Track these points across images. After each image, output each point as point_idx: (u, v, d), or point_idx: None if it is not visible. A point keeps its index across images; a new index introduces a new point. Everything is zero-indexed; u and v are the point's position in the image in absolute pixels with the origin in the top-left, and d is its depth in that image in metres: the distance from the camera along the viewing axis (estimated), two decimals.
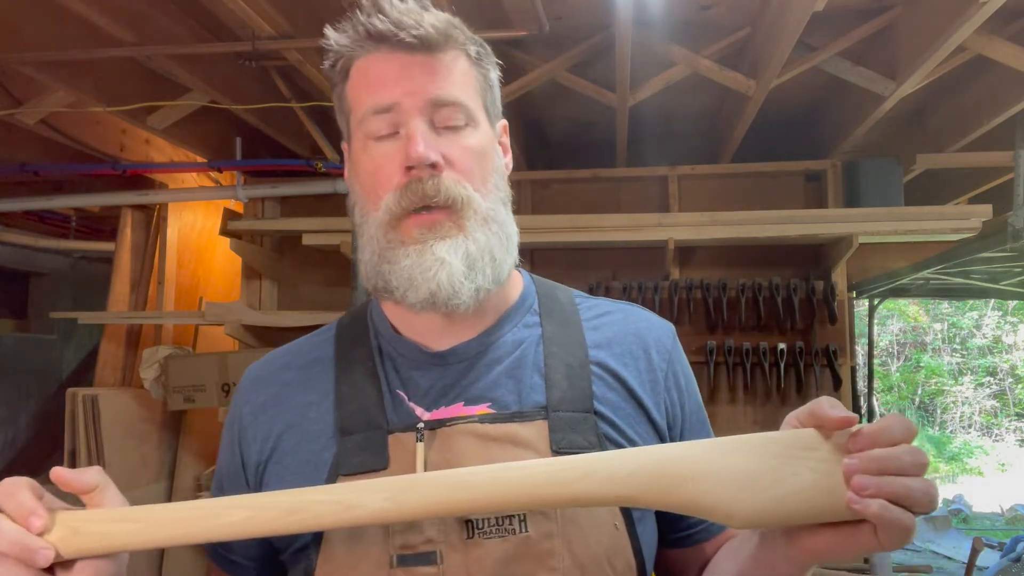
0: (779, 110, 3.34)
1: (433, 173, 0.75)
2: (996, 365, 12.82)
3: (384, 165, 0.77)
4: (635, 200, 3.67)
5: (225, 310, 3.53)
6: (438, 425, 0.77)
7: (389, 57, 0.77)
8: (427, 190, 0.75)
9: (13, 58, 2.45)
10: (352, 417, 0.80)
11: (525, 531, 0.73)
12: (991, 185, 3.66)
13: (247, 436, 0.85)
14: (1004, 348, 12.78)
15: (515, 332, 0.84)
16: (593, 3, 2.42)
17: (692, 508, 0.63)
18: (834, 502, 0.60)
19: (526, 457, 0.75)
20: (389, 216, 0.76)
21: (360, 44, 0.78)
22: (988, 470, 11.28)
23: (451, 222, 0.76)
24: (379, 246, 0.78)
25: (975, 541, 3.88)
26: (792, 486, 0.61)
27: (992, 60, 2.56)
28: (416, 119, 0.76)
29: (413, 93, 0.76)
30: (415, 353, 0.83)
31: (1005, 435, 12.42)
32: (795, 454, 0.61)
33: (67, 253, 4.65)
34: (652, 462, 0.64)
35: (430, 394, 0.81)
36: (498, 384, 0.81)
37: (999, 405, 12.74)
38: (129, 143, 3.65)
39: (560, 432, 0.77)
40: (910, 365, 13.76)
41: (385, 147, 0.77)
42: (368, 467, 0.76)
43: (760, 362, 3.43)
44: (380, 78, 0.77)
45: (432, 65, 0.77)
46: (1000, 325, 12.79)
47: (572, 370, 0.81)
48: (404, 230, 0.76)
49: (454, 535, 0.73)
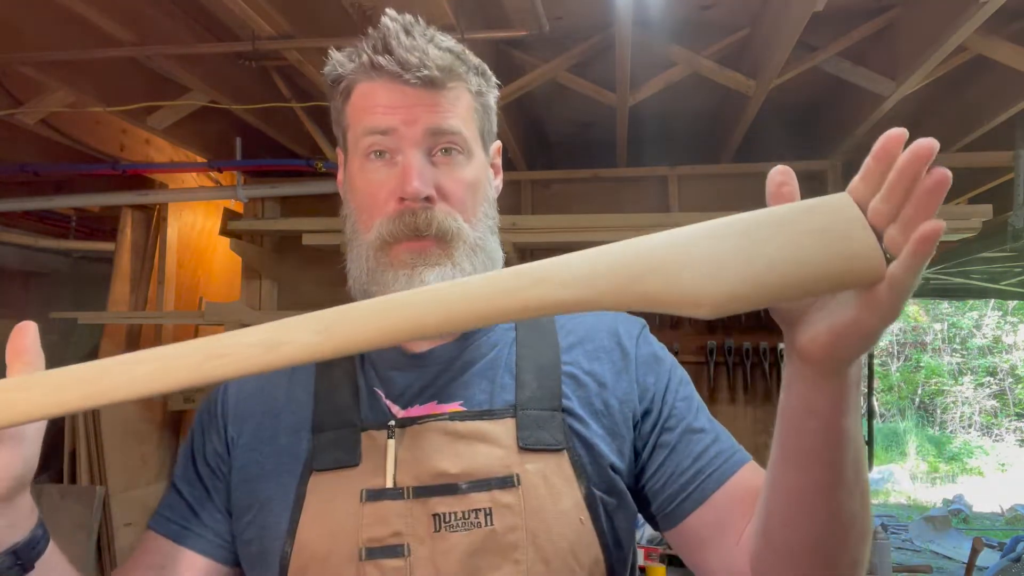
0: (779, 110, 3.34)
1: (426, 206, 0.78)
2: (996, 365, 12.83)
3: (378, 190, 0.80)
4: (635, 200, 3.67)
5: (225, 310, 3.53)
6: (409, 423, 0.80)
7: (391, 87, 0.79)
8: (419, 223, 0.78)
9: (13, 58, 2.45)
10: (327, 414, 0.82)
11: (491, 524, 0.75)
12: (991, 185, 3.66)
13: (229, 419, 0.87)
14: (1004, 348, 12.79)
15: (491, 336, 0.87)
16: (593, 3, 2.42)
17: (655, 302, 0.56)
18: (818, 270, 0.53)
19: (493, 452, 0.78)
20: (380, 241, 0.79)
21: (364, 72, 0.81)
22: (988, 470, 11.29)
23: (440, 251, 0.79)
24: (368, 265, 0.81)
25: (975, 541, 3.89)
26: (767, 261, 0.54)
27: (992, 60, 2.56)
28: (412, 149, 0.79)
29: (412, 122, 0.78)
30: (394, 354, 0.86)
31: (1005, 435, 12.42)
32: (769, 229, 0.55)
33: (67, 253, 4.64)
34: (608, 260, 0.57)
35: (406, 393, 0.84)
36: (471, 384, 0.83)
37: (999, 405, 12.74)
38: (129, 143, 3.65)
39: (528, 429, 0.79)
40: (910, 365, 13.76)
41: (380, 172, 0.80)
42: (341, 463, 0.79)
43: (760, 362, 3.43)
44: (381, 104, 0.80)
45: (433, 99, 0.80)
46: (1000, 325, 12.80)
47: (543, 371, 0.84)
48: (394, 254, 0.79)
49: (421, 528, 0.75)
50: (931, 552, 6.92)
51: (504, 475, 0.77)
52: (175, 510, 0.87)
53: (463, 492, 0.76)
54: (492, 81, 0.89)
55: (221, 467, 0.86)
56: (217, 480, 0.87)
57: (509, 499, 0.76)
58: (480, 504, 0.76)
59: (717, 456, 0.84)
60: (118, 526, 3.34)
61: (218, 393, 0.90)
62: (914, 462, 11.64)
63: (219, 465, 0.87)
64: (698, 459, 0.83)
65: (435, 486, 0.77)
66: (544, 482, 0.78)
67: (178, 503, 0.87)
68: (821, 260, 0.53)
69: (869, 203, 0.56)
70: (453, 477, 0.77)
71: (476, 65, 0.85)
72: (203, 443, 0.88)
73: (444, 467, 0.77)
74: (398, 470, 0.78)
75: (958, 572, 5.79)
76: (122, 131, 3.57)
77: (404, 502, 0.76)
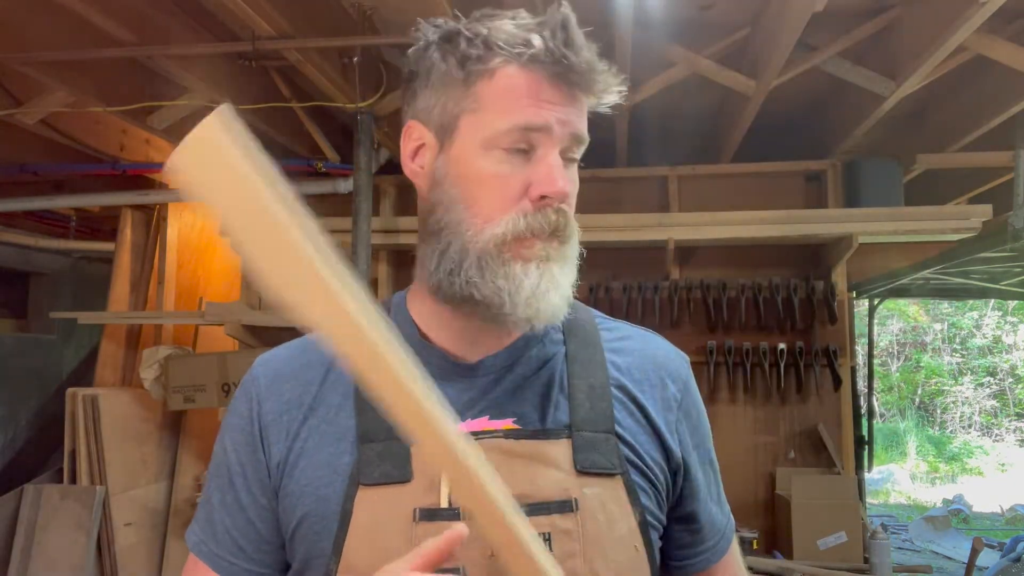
0: (779, 110, 3.34)
1: (561, 206, 0.77)
2: (996, 365, 12.82)
3: (511, 181, 0.76)
4: (635, 200, 3.67)
5: (225, 310, 3.53)
6: None
7: (553, 83, 0.76)
8: (559, 222, 0.76)
9: (13, 58, 2.45)
10: (373, 424, 0.77)
11: (549, 551, 0.72)
12: (991, 185, 3.66)
13: (270, 434, 0.81)
14: (1004, 348, 12.78)
15: (541, 348, 0.84)
16: (593, 3, 2.42)
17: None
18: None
19: (551, 474, 0.76)
20: (513, 235, 0.75)
21: (523, 57, 0.75)
22: (988, 470, 11.28)
23: (563, 251, 0.78)
24: (485, 255, 0.76)
25: (975, 541, 3.88)
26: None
27: (992, 60, 2.56)
28: (555, 150, 0.77)
29: (565, 123, 0.76)
30: (442, 362, 0.81)
31: (1005, 435, 12.42)
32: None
33: (67, 253, 4.64)
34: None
35: (456, 406, 0.77)
36: (524, 400, 0.80)
37: (999, 405, 12.73)
38: (129, 143, 3.65)
39: (584, 452, 0.77)
40: (910, 365, 13.75)
41: (514, 163, 0.76)
42: (391, 478, 0.75)
43: (760, 362, 3.43)
44: (536, 97, 0.75)
45: (581, 104, 0.79)
46: (1000, 325, 12.79)
47: (594, 391, 0.81)
48: (527, 247, 0.76)
49: (476, 551, 0.72)
50: (931, 552, 6.92)
51: (563, 499, 0.74)
52: (222, 543, 0.82)
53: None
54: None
55: (266, 492, 0.81)
56: (263, 509, 0.81)
57: (568, 524, 0.74)
58: (539, 528, 0.72)
59: (722, 539, 0.90)
60: (118, 526, 3.34)
61: (254, 410, 0.83)
62: (914, 462, 11.63)
63: (262, 491, 0.81)
64: (706, 537, 0.89)
65: None
66: (602, 507, 0.76)
67: (224, 536, 0.82)
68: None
69: None
70: None
71: (609, 84, 0.81)
72: (247, 460, 0.82)
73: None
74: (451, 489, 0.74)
75: (958, 572, 5.78)
76: (122, 131, 3.57)
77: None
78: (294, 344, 0.89)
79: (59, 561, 3.19)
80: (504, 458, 0.75)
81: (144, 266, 3.99)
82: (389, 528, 0.73)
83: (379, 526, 0.74)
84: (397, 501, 0.74)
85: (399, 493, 0.75)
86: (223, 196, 0.51)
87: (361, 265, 2.63)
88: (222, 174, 0.51)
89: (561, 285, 0.76)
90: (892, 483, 10.57)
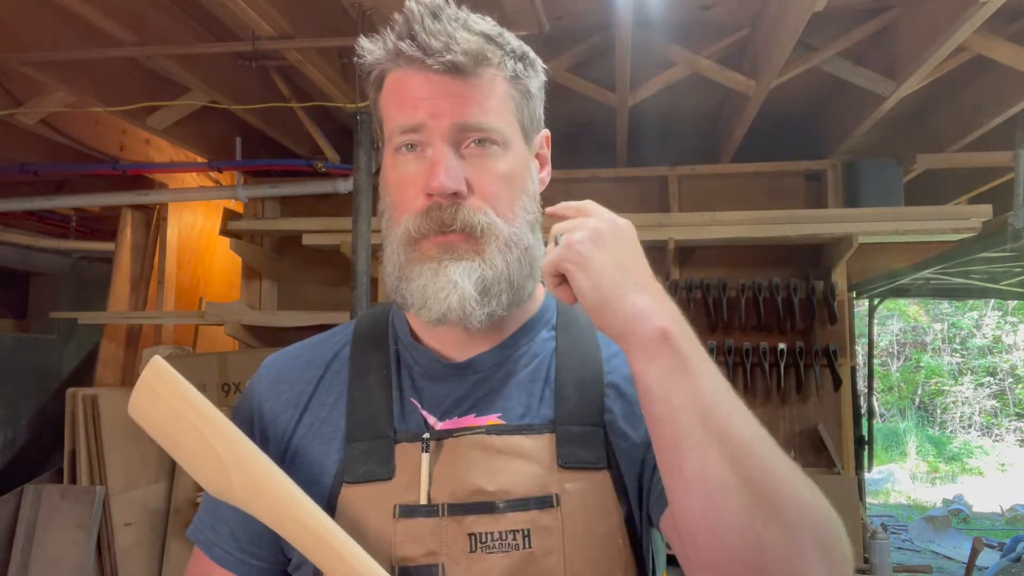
0: (779, 110, 3.34)
1: (454, 201, 0.74)
2: (996, 365, 12.81)
3: (407, 185, 0.77)
4: (635, 200, 3.67)
5: (225, 310, 3.53)
6: (445, 435, 0.77)
7: (419, 76, 0.75)
8: (445, 218, 0.74)
9: (13, 58, 2.46)
10: (361, 424, 0.79)
11: (528, 547, 0.73)
12: (991, 185, 3.66)
13: (268, 432, 0.84)
14: (1004, 348, 12.77)
15: (532, 345, 0.84)
16: (593, 3, 2.42)
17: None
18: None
19: (531, 470, 0.75)
20: (407, 236, 0.77)
21: (391, 60, 0.77)
22: (988, 470, 11.27)
23: (468, 245, 0.75)
24: (399, 260, 0.78)
25: (975, 541, 3.88)
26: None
27: (992, 60, 2.56)
28: (440, 144, 0.75)
29: (439, 116, 0.74)
30: (432, 363, 0.82)
31: (1005, 435, 12.41)
32: None
33: (67, 253, 4.64)
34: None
35: (444, 404, 0.80)
36: (510, 396, 0.80)
37: (999, 405, 12.73)
38: (129, 143, 3.65)
39: (567, 446, 0.77)
40: (910, 365, 13.75)
41: (410, 166, 0.77)
42: (373, 476, 0.76)
43: (760, 362, 3.43)
44: (409, 96, 0.76)
45: (462, 89, 0.75)
46: (1000, 325, 12.78)
47: (584, 384, 0.81)
48: (422, 249, 0.76)
49: (456, 548, 0.73)
50: (931, 552, 6.92)
51: (542, 495, 0.74)
52: (219, 533, 0.84)
53: (500, 511, 0.74)
54: (536, 65, 0.82)
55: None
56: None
57: (548, 520, 0.74)
58: (518, 525, 0.73)
59: None
60: (118, 526, 3.34)
61: (255, 409, 0.86)
62: (914, 462, 11.62)
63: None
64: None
65: (471, 504, 0.74)
66: (583, 503, 0.75)
67: (223, 528, 0.84)
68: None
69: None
70: (490, 495, 0.74)
71: (515, 49, 0.79)
72: None
73: (480, 484, 0.74)
74: (433, 486, 0.75)
75: (958, 572, 5.78)
76: (122, 131, 3.57)
77: (438, 519, 0.74)
78: (303, 343, 0.92)
79: (59, 561, 3.18)
80: (485, 454, 0.76)
81: (144, 266, 3.99)
82: (371, 524, 0.75)
83: (361, 522, 0.75)
84: (379, 498, 0.76)
85: (381, 490, 0.76)
86: (175, 412, 0.78)
87: (361, 265, 2.63)
88: (173, 398, 0.79)
89: (460, 286, 0.74)
90: (892, 483, 10.57)
